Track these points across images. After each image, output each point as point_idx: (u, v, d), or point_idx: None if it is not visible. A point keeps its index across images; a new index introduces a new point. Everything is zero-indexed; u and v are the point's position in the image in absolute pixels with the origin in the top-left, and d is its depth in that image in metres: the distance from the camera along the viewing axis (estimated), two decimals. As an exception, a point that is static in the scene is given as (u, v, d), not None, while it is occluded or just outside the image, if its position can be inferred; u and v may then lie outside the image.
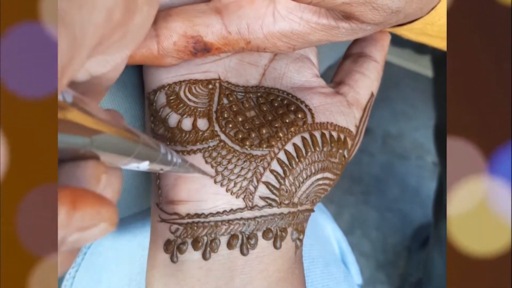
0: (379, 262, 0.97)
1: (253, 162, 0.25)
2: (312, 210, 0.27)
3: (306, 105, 0.27)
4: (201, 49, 0.25)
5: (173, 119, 0.26)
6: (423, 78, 1.12)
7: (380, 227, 1.00)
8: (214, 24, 0.25)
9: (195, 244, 0.25)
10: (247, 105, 0.27)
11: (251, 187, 0.25)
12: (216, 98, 0.27)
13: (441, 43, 0.30)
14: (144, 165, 0.19)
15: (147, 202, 0.35)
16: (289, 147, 0.26)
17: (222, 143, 0.26)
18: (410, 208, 1.02)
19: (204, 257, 0.25)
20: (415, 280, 0.77)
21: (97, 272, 0.37)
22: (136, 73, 0.31)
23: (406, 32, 0.29)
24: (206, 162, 0.25)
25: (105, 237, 0.39)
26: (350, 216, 1.01)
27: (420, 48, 0.72)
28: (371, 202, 1.03)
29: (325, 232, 0.43)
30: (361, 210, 1.02)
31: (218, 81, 0.27)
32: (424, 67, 1.11)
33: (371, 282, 0.94)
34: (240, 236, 0.25)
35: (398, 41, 0.73)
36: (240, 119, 0.26)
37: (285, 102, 0.27)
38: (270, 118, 0.26)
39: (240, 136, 0.26)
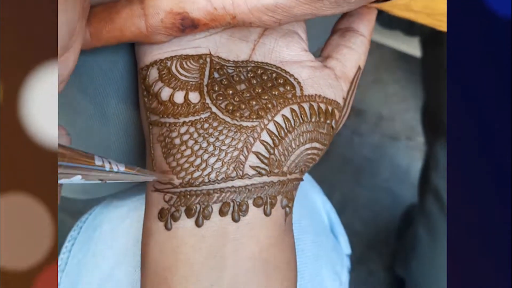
0: (370, 240, 0.98)
1: (243, 133, 0.26)
2: (301, 179, 0.28)
3: (295, 78, 0.28)
4: (189, 26, 0.26)
5: (166, 92, 0.27)
6: (415, 60, 1.12)
7: (371, 207, 1.02)
8: (199, 1, 0.26)
9: (188, 212, 0.26)
10: (237, 79, 0.28)
11: (242, 157, 0.26)
12: (207, 73, 0.28)
13: (426, 19, 0.31)
14: (77, 179, 0.21)
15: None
16: (279, 118, 0.27)
17: (213, 115, 0.26)
18: (400, 188, 1.03)
19: (197, 224, 0.26)
20: (402, 257, 0.78)
21: (93, 245, 0.38)
22: (128, 50, 0.31)
23: (391, 8, 0.30)
24: (198, 133, 0.26)
25: (101, 210, 0.40)
26: (341, 195, 1.02)
27: (409, 30, 0.72)
28: (363, 182, 1.04)
29: (315, 204, 0.44)
30: (352, 190, 1.03)
31: (208, 56, 0.28)
32: (414, 48, 1.11)
33: (362, 260, 0.96)
34: (231, 204, 0.26)
35: (386, 23, 0.74)
36: (230, 92, 0.27)
37: (274, 75, 0.28)
38: (259, 91, 0.27)
39: (231, 108, 0.27)
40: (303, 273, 0.38)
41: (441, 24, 0.31)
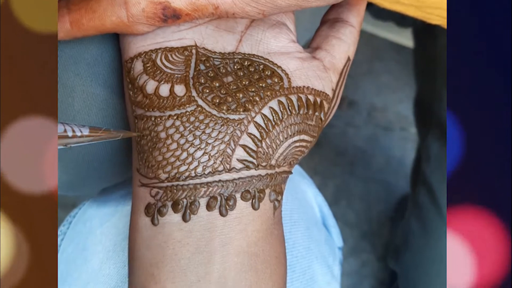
0: (364, 231, 0.98)
1: (230, 126, 0.26)
2: (290, 172, 0.28)
3: (282, 70, 0.27)
4: (171, 16, 0.26)
5: (151, 85, 0.27)
6: (408, 50, 1.12)
7: (365, 198, 1.02)
8: None
9: (175, 207, 0.25)
10: (224, 71, 0.27)
11: (229, 150, 0.26)
12: (192, 64, 0.27)
13: (416, 12, 0.31)
14: None
15: (129, 171, 0.36)
16: (266, 111, 0.26)
17: (199, 108, 0.26)
18: (394, 179, 1.03)
19: (184, 219, 0.25)
20: (394, 249, 0.79)
21: (82, 239, 0.38)
22: (114, 42, 0.31)
23: (380, 1, 0.30)
24: (184, 127, 0.26)
25: (90, 205, 0.40)
26: (335, 187, 1.02)
27: (401, 21, 0.72)
28: (356, 173, 1.04)
29: (306, 197, 0.43)
30: (346, 181, 1.03)
31: (194, 47, 0.28)
32: (407, 39, 1.11)
33: (356, 251, 0.96)
34: (219, 198, 0.25)
35: (379, 14, 0.74)
36: (217, 84, 0.27)
37: (262, 67, 0.28)
38: (246, 83, 0.27)
39: (217, 101, 0.26)
40: (295, 267, 0.38)
41: (431, 17, 0.30)
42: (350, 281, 0.93)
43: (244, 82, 0.27)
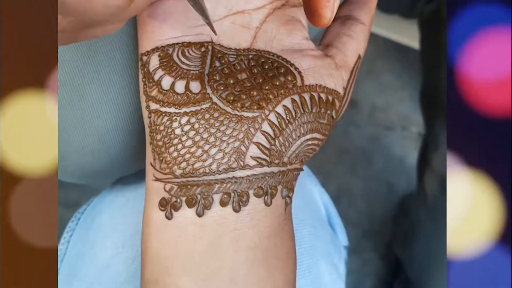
0: (365, 231, 0.99)
1: (244, 124, 0.26)
2: (301, 169, 0.28)
3: (295, 68, 0.28)
4: None
5: (166, 81, 0.27)
6: (409, 49, 1.13)
7: (367, 197, 1.02)
8: None
9: (189, 202, 0.26)
10: (238, 68, 0.28)
11: (243, 148, 0.26)
12: (208, 61, 0.28)
13: None
14: None
15: (141, 163, 0.36)
16: (279, 109, 0.27)
17: (214, 105, 0.26)
18: (395, 178, 1.04)
19: (198, 214, 0.26)
20: (401, 239, 0.79)
21: (91, 235, 0.38)
22: (133, 36, 0.31)
23: None
24: (199, 124, 0.26)
25: (99, 201, 0.40)
26: (337, 186, 1.03)
27: (407, 13, 0.72)
28: (358, 173, 1.05)
29: (312, 196, 0.44)
30: (348, 180, 1.04)
31: (210, 44, 0.28)
32: (410, 38, 1.11)
33: (358, 250, 0.96)
34: (232, 194, 0.26)
35: (385, 7, 0.74)
36: (231, 81, 0.27)
37: (276, 64, 0.28)
38: (260, 80, 0.27)
39: (232, 98, 0.26)
40: (301, 265, 0.38)
41: None
42: (352, 279, 0.94)
43: (258, 80, 0.27)
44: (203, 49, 0.28)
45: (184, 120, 0.26)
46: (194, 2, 0.25)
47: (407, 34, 1.12)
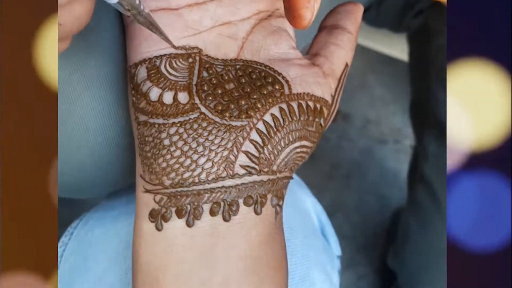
0: (359, 244, 0.98)
1: (233, 133, 0.26)
2: (291, 177, 0.28)
3: (283, 77, 0.28)
4: None
5: (154, 93, 0.27)
6: (400, 63, 1.14)
7: (360, 210, 1.02)
8: None
9: (179, 212, 0.26)
10: (226, 78, 0.28)
11: (232, 157, 0.26)
12: (196, 72, 0.28)
13: None
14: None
15: (132, 176, 0.36)
16: (268, 118, 0.27)
17: (202, 115, 0.27)
18: (389, 191, 1.04)
19: (188, 224, 0.26)
20: (394, 250, 0.79)
21: (84, 248, 0.38)
22: (124, 49, 0.31)
23: None
24: (188, 134, 0.26)
25: (92, 215, 0.40)
26: (330, 200, 1.03)
27: (396, 27, 0.74)
28: (351, 186, 1.05)
29: (304, 206, 0.44)
30: (341, 194, 1.04)
31: (198, 54, 0.28)
32: (400, 52, 1.12)
33: (352, 264, 0.96)
34: (222, 204, 0.26)
35: (374, 21, 0.75)
36: (219, 91, 0.27)
37: (263, 74, 0.28)
38: (248, 90, 0.27)
39: (220, 108, 0.27)
40: (294, 275, 0.38)
41: None
42: (347, 293, 0.94)
43: (246, 89, 0.27)
44: (190, 60, 0.28)
45: (172, 130, 0.26)
46: (144, 22, 0.25)
47: (398, 48, 1.13)
